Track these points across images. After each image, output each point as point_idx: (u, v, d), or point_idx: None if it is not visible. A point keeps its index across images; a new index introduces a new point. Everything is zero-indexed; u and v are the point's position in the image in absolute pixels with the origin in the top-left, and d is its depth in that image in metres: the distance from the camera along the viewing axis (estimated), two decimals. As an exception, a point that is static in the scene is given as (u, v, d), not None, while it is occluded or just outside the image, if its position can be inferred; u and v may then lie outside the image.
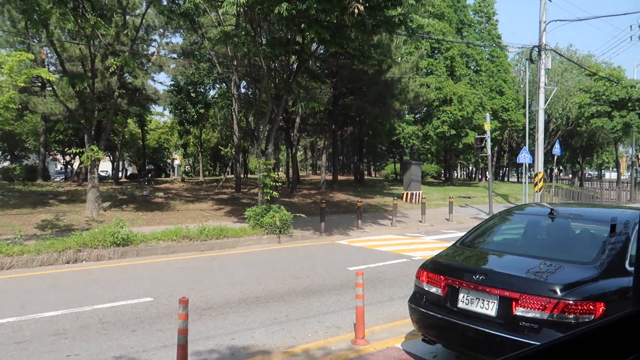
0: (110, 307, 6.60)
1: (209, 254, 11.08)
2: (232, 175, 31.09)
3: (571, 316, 3.54)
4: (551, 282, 3.78)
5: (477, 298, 4.07)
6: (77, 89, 14.75)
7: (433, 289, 4.47)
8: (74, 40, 19.68)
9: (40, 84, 26.81)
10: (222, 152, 44.04)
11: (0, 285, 7.87)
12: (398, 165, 46.34)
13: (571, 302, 3.55)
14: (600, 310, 3.54)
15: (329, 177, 32.52)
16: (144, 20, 19.97)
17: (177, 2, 18.34)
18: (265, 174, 13.98)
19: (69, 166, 40.60)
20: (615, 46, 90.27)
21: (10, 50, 22.60)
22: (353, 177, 38.68)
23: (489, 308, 3.96)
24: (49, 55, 27.35)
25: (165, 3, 19.07)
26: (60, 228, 13.31)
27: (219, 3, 11.62)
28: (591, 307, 3.54)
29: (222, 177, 31.63)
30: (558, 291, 3.63)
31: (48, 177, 32.96)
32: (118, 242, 10.47)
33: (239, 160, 28.01)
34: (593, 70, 33.79)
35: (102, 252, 10.14)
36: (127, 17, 20.16)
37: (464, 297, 4.18)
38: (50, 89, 19.20)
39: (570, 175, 57.88)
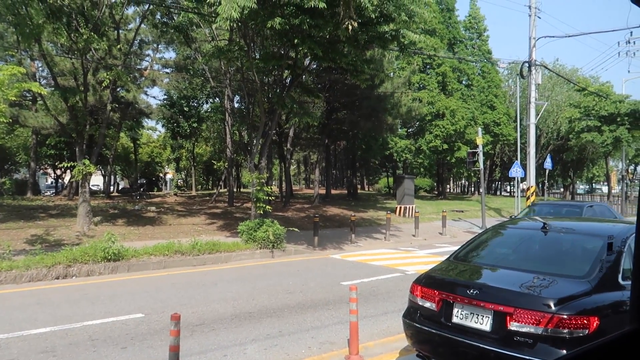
0: (100, 323, 6.50)
1: (202, 269, 10.98)
2: (225, 190, 31.00)
3: (565, 331, 3.53)
4: (545, 296, 3.77)
5: (471, 313, 4.05)
6: (70, 103, 14.70)
7: (427, 304, 4.44)
8: (66, 54, 19.67)
9: (31, 98, 26.71)
10: (215, 166, 43.96)
11: (-12, 302, 7.73)
12: (391, 179, 46.46)
13: (565, 316, 3.54)
14: (595, 325, 3.53)
15: (323, 191, 32.51)
16: (137, 35, 20.04)
17: (170, 16, 18.43)
18: (259, 188, 13.95)
19: (60, 180, 40.30)
20: (603, 62, 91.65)
21: (0, 63, 22.55)
22: (346, 191, 38.69)
23: (484, 323, 3.94)
24: (40, 68, 27.30)
25: (158, 17, 19.17)
26: (50, 243, 13.14)
27: (213, 18, 11.68)
28: (585, 321, 3.53)
29: (215, 191, 31.51)
30: (552, 305, 3.62)
31: (38, 191, 32.70)
32: (109, 257, 10.35)
33: (232, 174, 27.95)
34: (582, 86, 34.26)
35: (92, 268, 10.02)
36: (120, 31, 20.20)
37: (458, 311, 4.15)
38: (42, 102, 19.12)
39: (562, 189, 58.22)
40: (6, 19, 13.45)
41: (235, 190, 31.89)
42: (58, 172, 37.56)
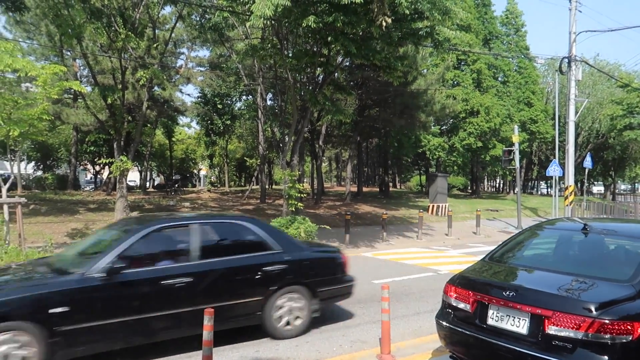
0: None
1: (234, 264, 11.10)
2: (257, 186, 31.30)
3: (607, 336, 3.41)
4: (585, 300, 3.65)
5: (507, 315, 3.96)
6: (108, 101, 15.11)
7: (461, 305, 4.37)
8: (105, 53, 20.24)
9: (72, 96, 27.60)
10: (248, 163, 44.45)
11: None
12: (424, 177, 45.96)
13: (607, 321, 3.42)
14: (639, 331, 3.40)
15: (354, 189, 32.43)
16: (172, 34, 20.43)
17: (206, 17, 18.70)
18: (291, 185, 14.01)
19: (99, 176, 41.52)
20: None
21: (44, 63, 23.39)
22: (378, 189, 38.48)
23: (520, 325, 3.85)
24: (81, 67, 28.17)
25: (194, 17, 19.47)
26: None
27: (247, 16, 11.77)
28: (629, 327, 3.40)
29: (248, 187, 31.86)
30: (593, 310, 3.50)
31: (78, 186, 33.77)
32: (145, 251, 10.57)
33: (264, 171, 28.20)
34: (625, 82, 33.01)
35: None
36: (157, 31, 20.65)
37: (493, 313, 4.07)
38: (82, 100, 19.74)
39: (602, 189, 56.35)
40: (50, 19, 13.92)
41: (267, 187, 32.18)
42: (97, 167, 38.72)
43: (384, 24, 10.08)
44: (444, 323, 4.47)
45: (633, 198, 42.23)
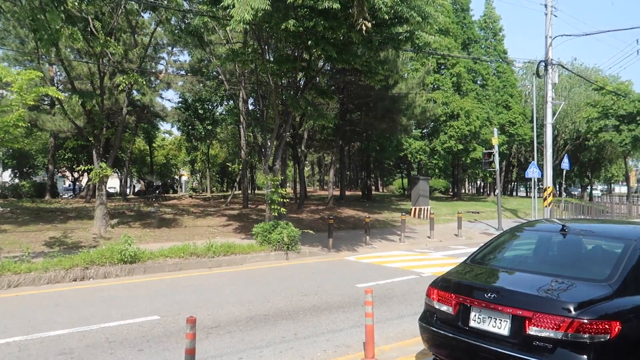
0: (117, 325, 6.55)
1: (217, 270, 11.03)
2: (240, 192, 31.14)
3: (586, 335, 3.46)
4: (565, 300, 3.70)
5: (489, 317, 4.00)
6: (87, 107, 14.89)
7: (444, 307, 4.39)
8: (82, 58, 19.94)
9: (49, 102, 27.14)
10: (230, 168, 44.19)
11: (8, 304, 7.85)
12: (406, 181, 46.22)
13: (586, 321, 3.47)
14: (616, 330, 3.46)
15: (337, 193, 32.46)
16: (152, 39, 20.23)
17: (186, 21, 18.58)
18: (273, 190, 13.98)
19: (77, 183, 40.87)
20: (622, 60, 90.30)
21: (19, 68, 22.98)
22: (361, 193, 38.60)
23: (502, 327, 3.88)
24: (58, 73, 27.73)
25: (174, 22, 19.32)
26: (68, 245, 13.33)
27: (227, 21, 11.74)
28: (607, 326, 3.46)
29: (230, 193, 31.66)
30: (572, 310, 3.55)
31: (56, 193, 33.17)
32: (125, 259, 10.44)
33: (246, 177, 28.07)
34: (600, 85, 33.75)
35: (109, 270, 10.12)
36: (136, 35, 20.43)
37: (475, 315, 4.10)
38: (60, 106, 19.42)
39: (580, 190, 57.40)
40: (25, 24, 13.67)
41: (249, 192, 32.02)
42: (76, 174, 38.12)
43: (364, 28, 10.14)
44: (427, 326, 4.49)
45: (609, 198, 43.13)
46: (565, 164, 23.99)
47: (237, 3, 10.01)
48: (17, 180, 36.65)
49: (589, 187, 50.45)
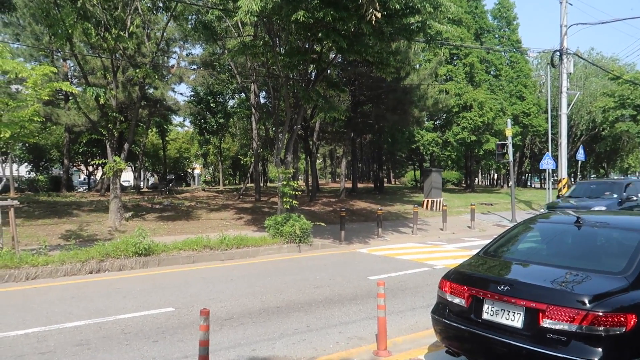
0: (132, 317, 6.64)
1: (230, 263, 11.11)
2: (252, 184, 31.26)
3: (601, 328, 3.43)
4: (579, 292, 3.67)
5: (502, 309, 3.97)
6: (100, 101, 15.02)
7: (456, 300, 4.38)
8: (96, 53, 20.09)
9: (63, 97, 27.41)
10: (242, 161, 44.39)
11: (26, 296, 8.01)
12: (418, 173, 46.07)
13: (601, 313, 3.44)
14: (632, 323, 3.42)
15: (349, 185, 32.43)
16: (164, 34, 20.30)
17: (199, 16, 18.60)
18: (285, 182, 14.00)
19: (92, 176, 41.33)
20: (638, 49, 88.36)
21: (34, 64, 23.23)
22: (373, 185, 38.51)
23: (515, 319, 3.86)
24: (72, 68, 27.97)
25: (187, 16, 19.34)
26: (83, 238, 13.52)
27: (235, 13, 11.73)
28: (622, 319, 3.42)
29: (242, 186, 31.80)
30: (587, 302, 3.52)
31: (72, 187, 33.59)
32: (140, 252, 10.56)
33: (258, 169, 28.15)
34: (617, 74, 33.17)
35: (124, 262, 10.25)
36: (149, 30, 20.52)
37: (488, 308, 4.08)
38: (73, 101, 19.60)
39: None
40: (40, 20, 13.80)
41: (262, 184, 32.12)
42: (90, 168, 38.55)
43: (374, 19, 10.06)
44: (440, 318, 4.48)
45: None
46: (580, 155, 23.67)
47: (247, -6, 10.00)
48: (33, 175, 37.16)
49: (604, 178, 49.77)
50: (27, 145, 32.51)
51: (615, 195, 15.56)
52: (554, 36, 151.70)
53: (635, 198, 15.42)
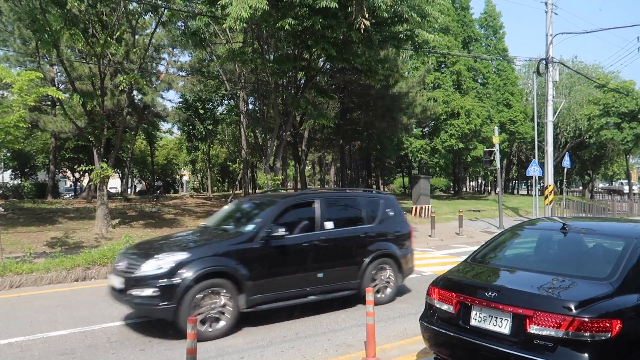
0: (118, 325, 6.57)
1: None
2: (241, 191, 31.15)
3: (587, 334, 3.46)
4: (565, 298, 3.70)
5: (490, 315, 4.00)
6: (88, 107, 14.89)
7: (445, 306, 4.40)
8: (83, 59, 19.95)
9: (50, 103, 27.16)
10: (231, 168, 44.26)
11: (10, 304, 7.87)
12: (407, 179, 46.23)
13: (587, 319, 3.47)
14: (617, 328, 3.46)
15: (337, 192, 32.36)
16: (152, 39, 20.24)
17: (186, 22, 18.57)
18: (274, 189, 13.98)
19: (79, 183, 40.91)
20: (622, 57, 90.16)
21: (20, 69, 22.99)
22: (361, 192, 38.53)
23: (502, 326, 3.88)
24: (59, 73, 27.74)
25: (174, 23, 19.31)
26: (69, 245, 13.34)
27: (224, 20, 11.75)
28: (607, 324, 3.46)
29: (231, 192, 31.69)
30: (573, 308, 3.55)
31: (58, 194, 33.19)
32: (127, 259, 10.43)
33: (247, 176, 28.07)
34: (602, 82, 33.68)
35: (111, 270, 10.13)
36: (137, 36, 20.43)
37: (476, 314, 4.10)
38: (60, 107, 19.42)
39: (581, 187, 57.35)
40: (26, 25, 13.68)
41: (250, 191, 32.01)
42: (77, 175, 38.14)
43: (362, 26, 10.14)
44: (428, 325, 4.49)
45: (610, 196, 43.08)
46: (566, 162, 23.96)
47: (235, 1, 10.01)
48: (18, 181, 36.68)
49: (590, 185, 50.40)
50: (11, 151, 32.11)
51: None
52: (540, 45, 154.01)
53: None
